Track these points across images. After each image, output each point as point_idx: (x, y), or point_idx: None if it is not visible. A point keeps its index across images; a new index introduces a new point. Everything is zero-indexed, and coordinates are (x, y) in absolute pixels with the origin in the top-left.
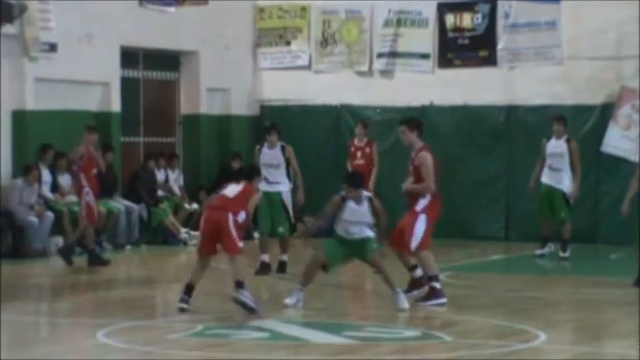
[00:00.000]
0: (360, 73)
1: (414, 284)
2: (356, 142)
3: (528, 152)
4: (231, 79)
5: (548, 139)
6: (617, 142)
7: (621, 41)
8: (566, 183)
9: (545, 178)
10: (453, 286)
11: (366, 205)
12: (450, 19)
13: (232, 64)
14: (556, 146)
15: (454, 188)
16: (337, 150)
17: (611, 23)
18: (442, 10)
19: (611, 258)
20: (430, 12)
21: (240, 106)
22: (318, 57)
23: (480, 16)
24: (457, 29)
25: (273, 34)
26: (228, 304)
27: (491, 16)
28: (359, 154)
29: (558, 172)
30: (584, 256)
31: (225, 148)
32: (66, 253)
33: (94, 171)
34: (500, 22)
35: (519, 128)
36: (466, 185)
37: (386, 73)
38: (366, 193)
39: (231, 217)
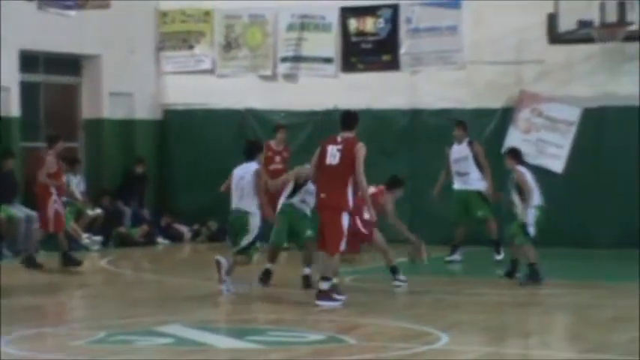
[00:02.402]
0: (264, 77)
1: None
2: (274, 146)
3: (432, 155)
4: (134, 83)
5: (451, 145)
6: (517, 145)
7: (521, 46)
8: (478, 183)
9: (457, 184)
10: (358, 290)
11: None
12: (353, 24)
13: (135, 68)
14: (459, 151)
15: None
16: (242, 153)
17: (511, 28)
18: (345, 14)
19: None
20: (333, 16)
21: (143, 110)
22: (221, 61)
23: (382, 20)
24: (360, 33)
25: (176, 38)
26: (131, 310)
27: (394, 21)
28: (277, 158)
29: (467, 175)
30: (487, 258)
31: (128, 152)
32: None
33: None
34: (403, 27)
35: (423, 132)
36: None
37: (290, 77)
38: None
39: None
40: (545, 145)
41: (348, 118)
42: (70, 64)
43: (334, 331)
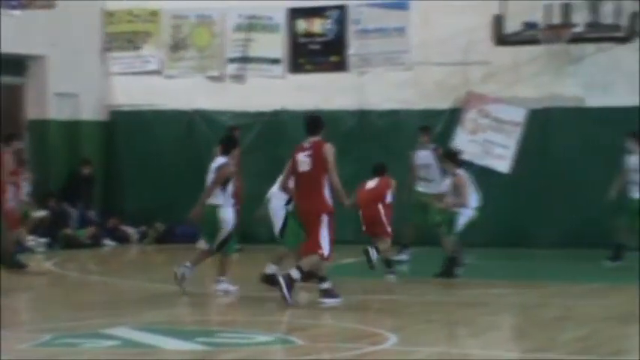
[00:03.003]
0: (212, 78)
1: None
2: None
3: (380, 156)
4: (80, 84)
5: (415, 150)
6: (464, 145)
7: (468, 47)
8: (442, 188)
9: (421, 187)
10: (308, 290)
11: None
12: (300, 25)
13: (81, 68)
14: (423, 157)
15: None
16: (191, 154)
17: (459, 30)
18: (293, 15)
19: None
20: (281, 17)
21: (89, 111)
22: (169, 62)
23: (330, 21)
24: (308, 34)
25: (122, 38)
26: (78, 312)
27: (342, 22)
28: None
29: (432, 182)
30: (436, 258)
31: (74, 153)
32: None
33: None
34: (351, 28)
35: (371, 132)
36: None
37: (238, 78)
38: None
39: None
40: (492, 145)
41: (313, 123)
42: (15, 64)
43: (284, 332)
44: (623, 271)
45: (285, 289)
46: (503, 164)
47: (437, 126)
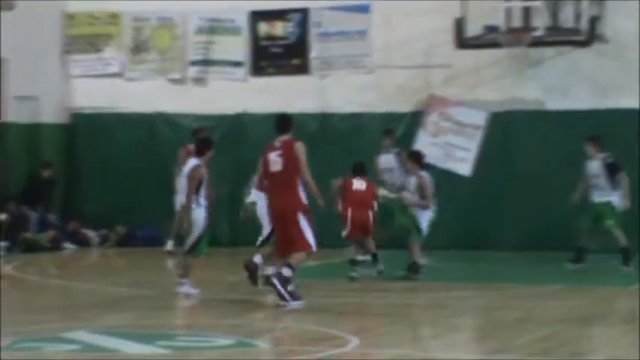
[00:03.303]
0: (174, 81)
1: None
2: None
3: (342, 159)
4: (40, 86)
5: (379, 153)
6: (426, 148)
7: (430, 51)
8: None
9: (383, 191)
10: (270, 293)
11: None
12: (262, 28)
13: (41, 71)
14: (387, 161)
15: None
16: (153, 157)
17: (420, 33)
18: (255, 18)
19: (422, 263)
20: (243, 20)
21: (50, 114)
22: (130, 64)
23: (292, 24)
24: (270, 37)
25: (83, 41)
26: (38, 316)
27: (304, 25)
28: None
29: (394, 186)
30: (399, 262)
31: (34, 156)
32: None
33: None
34: (313, 31)
35: (333, 136)
36: None
37: (200, 80)
38: None
39: None
40: (454, 148)
41: (283, 122)
42: None
43: (244, 335)
44: (584, 273)
45: (281, 289)
46: (464, 167)
47: (399, 129)
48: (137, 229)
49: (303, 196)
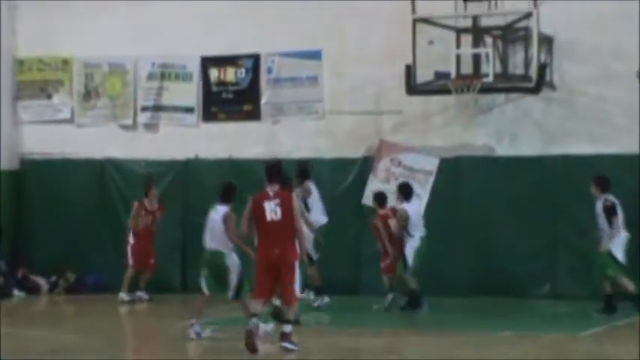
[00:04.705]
0: (125, 127)
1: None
2: (148, 205)
3: None
4: None
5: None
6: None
7: (380, 96)
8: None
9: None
10: (220, 340)
11: None
12: (214, 73)
13: None
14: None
15: None
16: (101, 204)
17: (370, 79)
18: (206, 64)
19: (373, 308)
20: (194, 66)
21: None
22: (80, 110)
23: (243, 70)
24: (221, 83)
25: (33, 86)
26: None
27: (255, 71)
28: (151, 217)
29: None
30: (346, 308)
31: None
32: None
33: None
34: (264, 77)
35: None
36: None
37: (150, 126)
38: None
39: None
40: None
41: (274, 170)
42: None
43: None
44: (532, 319)
45: (291, 346)
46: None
47: (349, 175)
48: (86, 275)
49: (296, 245)
